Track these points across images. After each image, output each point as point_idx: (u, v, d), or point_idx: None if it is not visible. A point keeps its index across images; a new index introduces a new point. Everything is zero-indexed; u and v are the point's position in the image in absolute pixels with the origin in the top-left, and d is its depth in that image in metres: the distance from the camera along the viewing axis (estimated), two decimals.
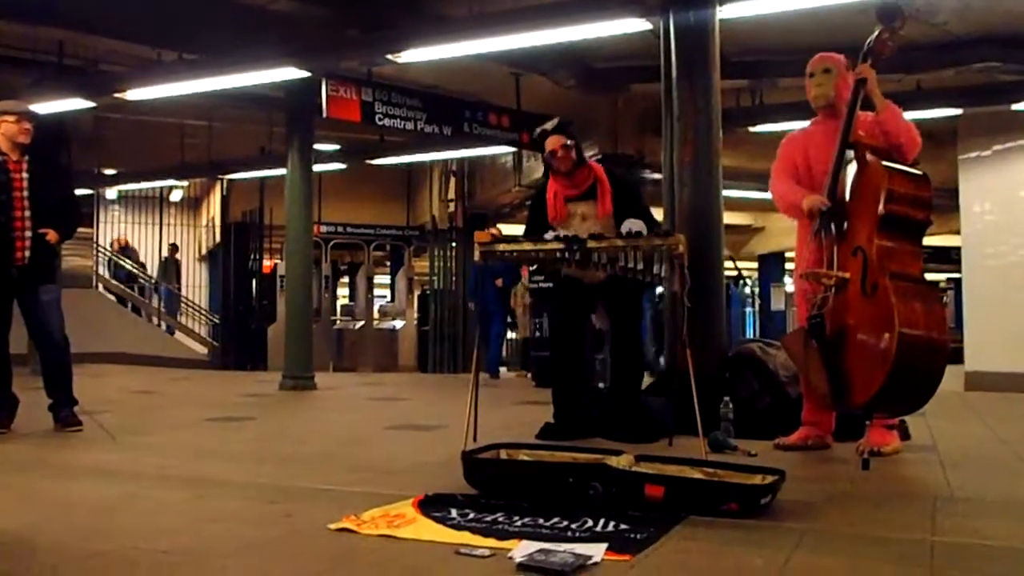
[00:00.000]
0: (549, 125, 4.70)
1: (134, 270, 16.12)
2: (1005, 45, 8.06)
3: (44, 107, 8.37)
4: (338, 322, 16.89)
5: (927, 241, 3.90)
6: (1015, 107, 9.13)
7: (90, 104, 9.11)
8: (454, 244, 15.32)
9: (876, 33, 3.89)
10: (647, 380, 5.30)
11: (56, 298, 5.05)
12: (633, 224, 4.26)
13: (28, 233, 4.86)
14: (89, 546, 2.44)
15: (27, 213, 4.86)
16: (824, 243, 3.80)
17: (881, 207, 3.59)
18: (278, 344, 11.30)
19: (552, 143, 4.61)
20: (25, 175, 4.90)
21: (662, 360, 4.53)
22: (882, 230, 3.60)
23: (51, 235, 4.89)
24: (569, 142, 4.60)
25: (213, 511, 2.93)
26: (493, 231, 4.49)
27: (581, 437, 4.38)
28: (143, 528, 2.67)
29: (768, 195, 4.38)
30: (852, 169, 3.79)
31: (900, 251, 3.64)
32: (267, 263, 15.01)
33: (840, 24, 6.52)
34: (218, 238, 16.23)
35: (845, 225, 3.74)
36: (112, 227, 16.94)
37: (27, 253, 4.86)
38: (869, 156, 3.73)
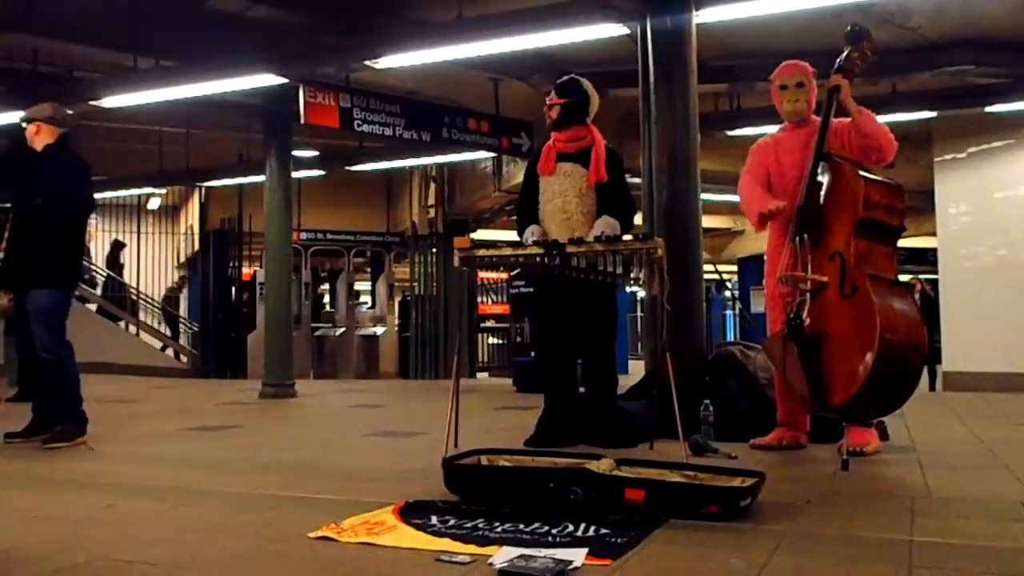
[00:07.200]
0: None
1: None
2: (978, 48, 8.17)
3: (18, 116, 8.30)
4: (319, 329, 16.84)
5: (903, 243, 3.98)
6: (989, 109, 9.24)
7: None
8: (434, 250, 15.31)
9: (846, 52, 4.03)
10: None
11: (40, 308, 4.70)
12: (605, 226, 4.25)
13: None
14: (63, 558, 2.40)
15: None
16: (799, 249, 3.86)
17: (859, 212, 3.70)
18: (258, 352, 11.25)
19: (550, 97, 4.62)
20: None
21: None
22: (859, 235, 3.72)
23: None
24: (563, 100, 4.56)
25: (192, 521, 2.90)
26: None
27: (569, 444, 4.34)
28: (120, 539, 2.64)
29: None
30: (825, 179, 3.88)
31: (877, 254, 3.76)
32: (247, 271, 14.93)
33: (816, 27, 6.60)
34: (197, 246, 16.11)
35: (820, 231, 3.81)
36: (88, 236, 16.76)
37: None
38: (846, 166, 3.82)
